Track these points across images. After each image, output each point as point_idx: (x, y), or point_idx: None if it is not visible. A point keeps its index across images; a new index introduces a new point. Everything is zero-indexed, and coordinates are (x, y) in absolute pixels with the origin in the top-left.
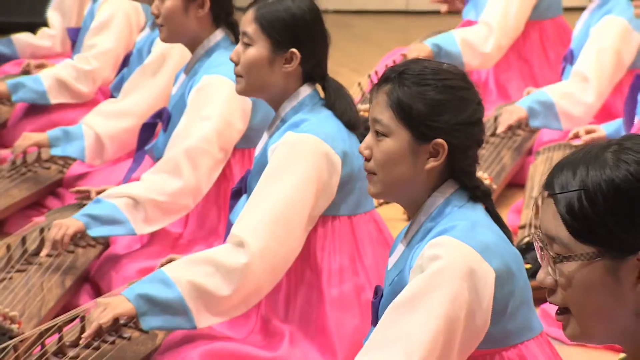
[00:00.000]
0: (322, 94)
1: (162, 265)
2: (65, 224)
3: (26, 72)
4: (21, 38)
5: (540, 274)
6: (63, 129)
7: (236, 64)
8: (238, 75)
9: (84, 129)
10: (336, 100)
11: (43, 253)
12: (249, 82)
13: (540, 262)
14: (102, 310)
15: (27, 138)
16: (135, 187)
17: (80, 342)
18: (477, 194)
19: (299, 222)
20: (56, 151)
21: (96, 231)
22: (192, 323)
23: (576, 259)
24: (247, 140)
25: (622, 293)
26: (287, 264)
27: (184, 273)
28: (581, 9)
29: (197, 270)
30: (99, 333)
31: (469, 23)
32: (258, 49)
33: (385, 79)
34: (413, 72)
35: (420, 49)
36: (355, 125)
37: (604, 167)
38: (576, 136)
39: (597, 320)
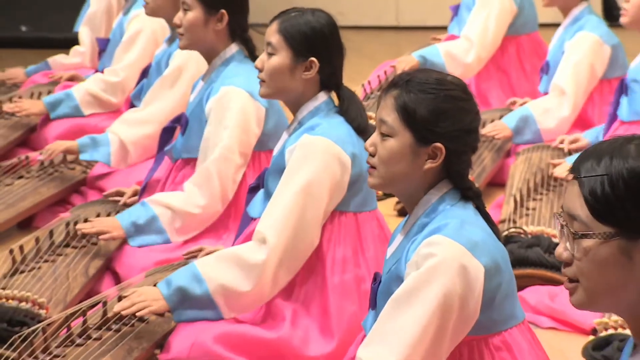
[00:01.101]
0: (336, 102)
1: (190, 253)
2: (110, 229)
3: (55, 82)
4: (56, 59)
5: (559, 249)
6: (91, 136)
7: (260, 70)
8: (262, 80)
9: (109, 136)
10: (349, 107)
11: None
12: (272, 87)
13: (559, 240)
14: (138, 295)
15: (59, 144)
16: (176, 198)
17: (116, 310)
18: (469, 194)
19: (315, 217)
20: (84, 156)
21: (136, 241)
22: (220, 315)
23: (594, 237)
24: (260, 144)
25: (633, 271)
26: (305, 256)
27: (214, 270)
28: (556, 25)
29: (224, 266)
30: (121, 317)
31: (453, 37)
32: (281, 58)
33: (394, 84)
34: (419, 80)
35: (408, 60)
36: (365, 129)
37: (626, 157)
38: (561, 142)
39: (606, 293)
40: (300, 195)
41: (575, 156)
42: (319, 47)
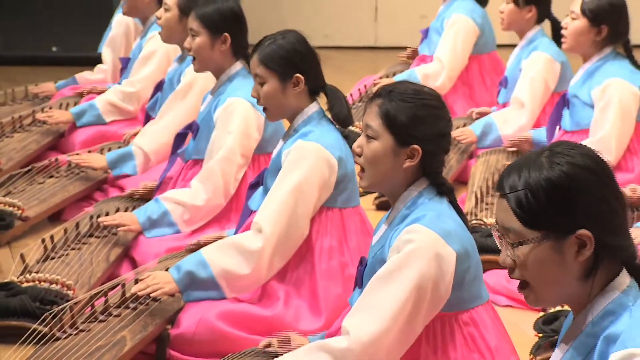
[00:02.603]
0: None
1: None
2: (129, 222)
3: (80, 94)
4: (82, 75)
5: (502, 257)
6: (117, 153)
7: (258, 100)
8: (264, 108)
9: (134, 149)
10: (335, 102)
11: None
12: (274, 110)
13: (500, 248)
14: (152, 279)
15: (96, 161)
16: (185, 194)
17: (133, 291)
18: (443, 189)
19: (305, 211)
20: (115, 172)
21: (151, 233)
22: (222, 295)
23: (528, 243)
24: (260, 148)
25: (566, 265)
26: (296, 245)
27: (217, 256)
28: (511, 46)
29: (226, 253)
30: (137, 297)
31: (424, 57)
32: (270, 84)
33: (378, 94)
34: (400, 91)
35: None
36: (348, 120)
37: (541, 169)
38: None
39: (550, 288)
40: (293, 193)
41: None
42: (298, 64)
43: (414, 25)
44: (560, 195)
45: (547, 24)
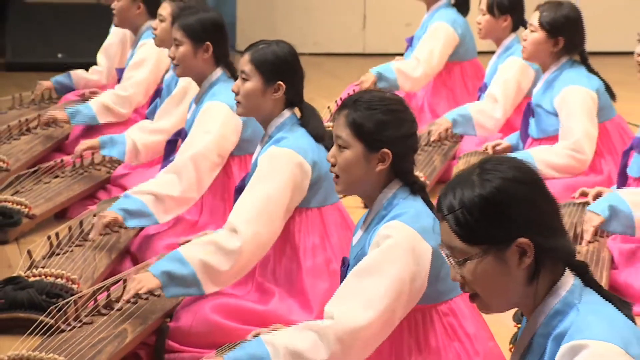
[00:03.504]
0: (299, 115)
1: (182, 244)
2: (105, 215)
3: (85, 99)
4: (77, 73)
5: (452, 274)
6: (110, 136)
7: (237, 94)
8: (238, 102)
9: (125, 137)
10: (310, 118)
11: (91, 235)
12: (246, 107)
13: (450, 265)
14: (137, 283)
15: (83, 143)
16: (154, 184)
17: (124, 298)
18: (415, 187)
19: (278, 213)
20: (104, 152)
21: (131, 223)
22: (202, 291)
23: (473, 259)
24: (241, 149)
25: (511, 272)
26: (270, 244)
27: (195, 253)
28: (491, 53)
29: (204, 250)
30: (136, 295)
31: None
32: (253, 83)
33: (344, 105)
34: (364, 100)
35: (368, 76)
36: (323, 137)
37: (473, 187)
38: (486, 149)
39: (498, 296)
40: (267, 195)
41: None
42: (284, 72)
43: (400, 33)
44: (493, 209)
45: (522, 31)
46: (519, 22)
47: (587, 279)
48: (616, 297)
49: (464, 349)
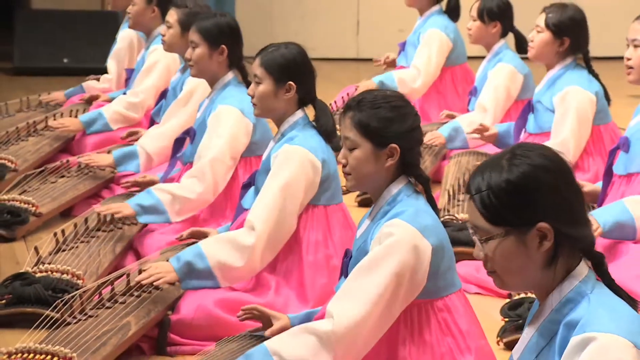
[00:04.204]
0: (310, 116)
1: (184, 237)
2: (120, 210)
3: (89, 102)
4: (89, 84)
5: (476, 251)
6: (123, 152)
7: (252, 97)
8: (254, 104)
9: (138, 149)
10: (322, 115)
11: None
12: (262, 108)
13: (475, 243)
14: (156, 271)
15: (103, 160)
16: (176, 187)
17: (139, 279)
18: (420, 180)
19: (292, 209)
20: (120, 169)
21: (144, 219)
22: (217, 284)
23: (495, 238)
24: (250, 151)
25: (530, 255)
26: (284, 240)
27: (213, 249)
28: (481, 58)
29: (222, 247)
30: (141, 285)
31: (401, 67)
32: (265, 85)
33: (348, 107)
34: (367, 99)
35: (368, 84)
36: (332, 133)
37: (501, 171)
38: (475, 131)
39: (516, 276)
40: (281, 193)
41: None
42: (294, 73)
43: (392, 38)
44: (519, 194)
45: (510, 37)
46: (508, 28)
47: (602, 271)
48: (624, 292)
49: (456, 345)
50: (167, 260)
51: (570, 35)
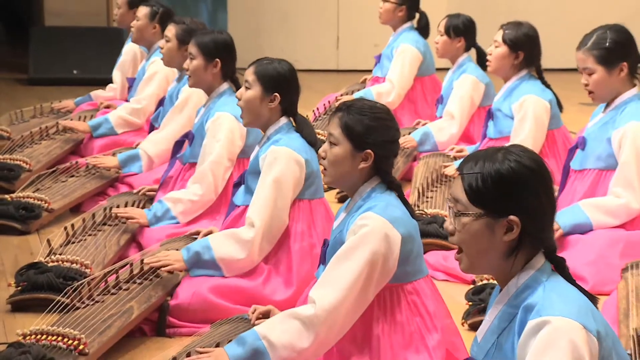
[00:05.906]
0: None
1: (191, 234)
2: (139, 220)
3: (96, 109)
4: (96, 93)
5: (446, 223)
6: (127, 154)
7: (239, 100)
8: (241, 109)
9: (140, 152)
10: (304, 128)
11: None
12: (247, 113)
13: (448, 217)
14: (166, 258)
15: (109, 161)
16: (182, 192)
17: (148, 262)
18: (392, 186)
19: (284, 204)
20: (125, 170)
21: (155, 226)
22: (222, 274)
23: (469, 215)
24: (243, 153)
25: (494, 242)
26: (280, 232)
27: (219, 243)
28: (446, 70)
29: (226, 241)
30: (144, 274)
31: (377, 78)
32: (254, 91)
33: (338, 109)
34: (357, 106)
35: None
36: (315, 142)
37: (495, 162)
38: (451, 150)
39: (478, 258)
40: (273, 190)
41: (460, 161)
42: (281, 86)
43: (369, 52)
44: (504, 185)
45: (473, 52)
46: (471, 43)
47: (565, 273)
48: (583, 289)
49: (424, 324)
50: (178, 250)
51: (525, 50)
